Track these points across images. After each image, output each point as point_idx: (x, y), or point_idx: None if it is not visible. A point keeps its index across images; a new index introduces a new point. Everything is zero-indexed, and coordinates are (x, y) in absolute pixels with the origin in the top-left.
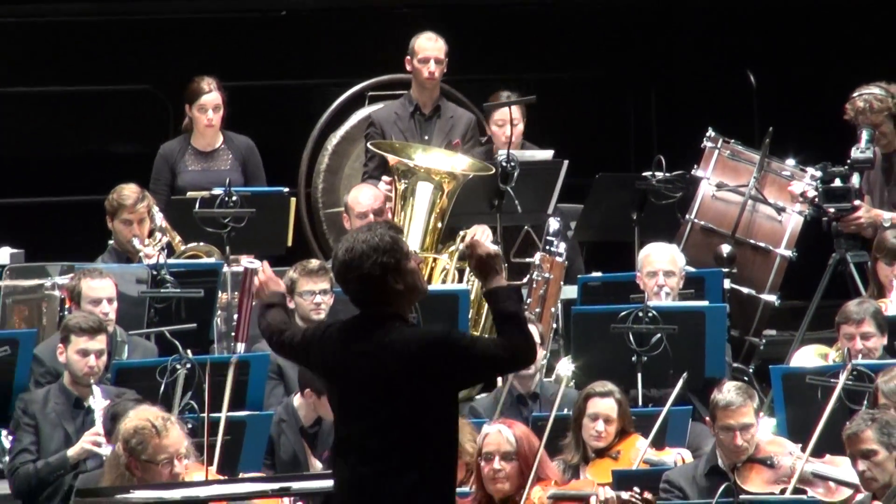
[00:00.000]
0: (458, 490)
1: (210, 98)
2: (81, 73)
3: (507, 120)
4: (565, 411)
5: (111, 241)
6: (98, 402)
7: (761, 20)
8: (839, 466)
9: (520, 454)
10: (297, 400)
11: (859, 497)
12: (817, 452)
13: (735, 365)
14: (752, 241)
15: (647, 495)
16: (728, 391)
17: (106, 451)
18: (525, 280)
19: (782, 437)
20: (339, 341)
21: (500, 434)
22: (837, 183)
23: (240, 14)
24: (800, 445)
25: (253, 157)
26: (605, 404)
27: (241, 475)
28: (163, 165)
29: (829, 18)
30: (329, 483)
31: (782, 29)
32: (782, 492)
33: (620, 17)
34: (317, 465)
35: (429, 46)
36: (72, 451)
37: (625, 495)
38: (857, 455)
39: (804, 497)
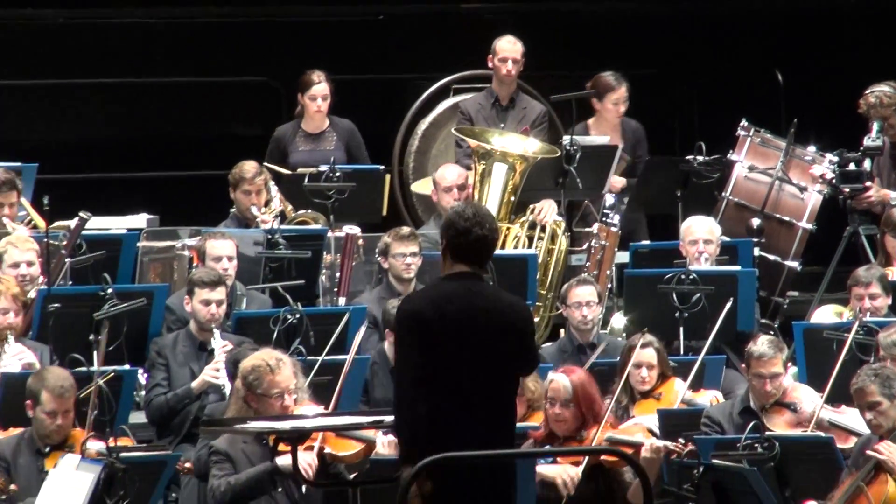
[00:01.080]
0: (523, 425)
1: (319, 88)
2: (210, 66)
3: (623, 100)
4: (617, 359)
5: (233, 209)
6: (218, 344)
7: (788, 27)
8: (850, 416)
9: (577, 400)
10: (387, 345)
11: (868, 433)
12: (832, 398)
13: (762, 321)
14: (778, 216)
15: (690, 447)
16: (762, 344)
17: (223, 382)
18: (584, 246)
19: (805, 385)
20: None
21: (560, 383)
22: (852, 167)
23: (343, 17)
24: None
25: (354, 138)
26: (646, 354)
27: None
28: (275, 145)
29: (845, 25)
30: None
31: (806, 35)
32: None
33: (668, 24)
34: None
35: (508, 48)
36: (195, 384)
37: (671, 445)
38: (864, 406)
39: (821, 434)
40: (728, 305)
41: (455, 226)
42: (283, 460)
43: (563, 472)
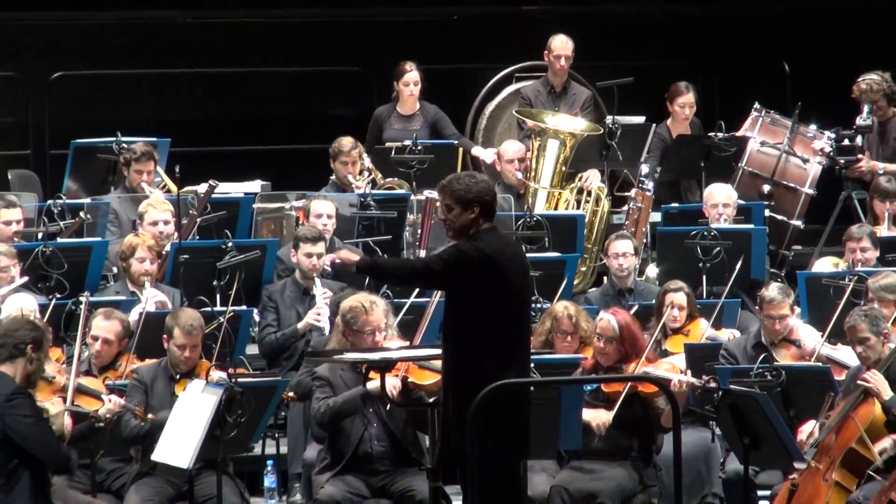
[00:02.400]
0: (575, 356)
1: (411, 76)
2: (314, 58)
3: (689, 104)
4: (652, 302)
5: (332, 177)
6: (319, 290)
7: (793, 26)
8: (844, 351)
9: (621, 338)
10: None
11: (857, 363)
12: (832, 336)
13: (772, 270)
14: (784, 182)
15: (713, 384)
16: (773, 290)
17: (324, 324)
18: (624, 208)
19: (807, 325)
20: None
21: (609, 323)
22: (846, 142)
23: (423, 17)
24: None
25: (441, 119)
26: (678, 297)
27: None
28: (373, 124)
29: (842, 23)
30: None
31: (808, 32)
32: None
33: (693, 24)
34: None
35: (560, 47)
36: (300, 325)
37: (697, 382)
38: (856, 342)
39: (820, 365)
40: (740, 262)
41: (491, 192)
42: (373, 385)
43: (597, 417)
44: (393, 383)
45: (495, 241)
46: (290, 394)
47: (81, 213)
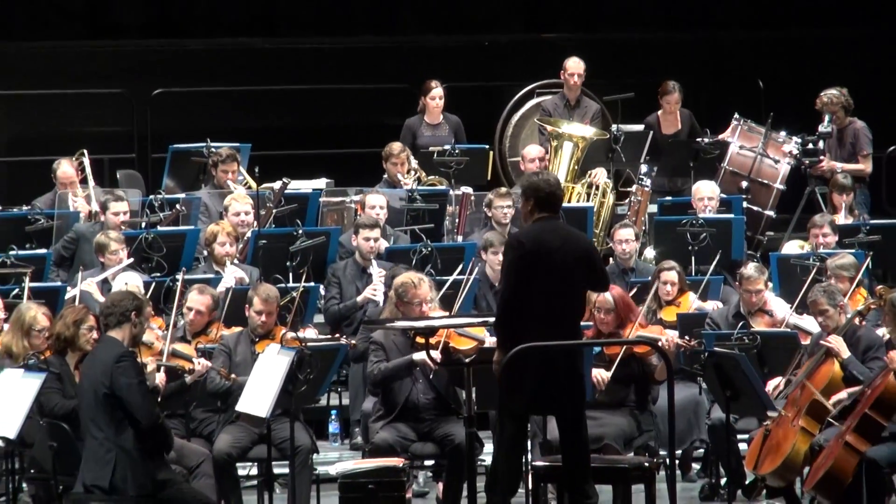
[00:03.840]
0: (585, 323)
1: (437, 92)
2: (369, 77)
3: (675, 100)
4: (649, 278)
5: (385, 175)
6: (375, 270)
7: (767, 50)
8: (808, 320)
9: (616, 309)
10: (487, 268)
11: (818, 330)
12: (799, 307)
13: (749, 252)
14: (759, 179)
15: (694, 343)
16: (750, 268)
17: (380, 298)
18: (626, 201)
19: (778, 298)
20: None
21: (605, 297)
22: (810, 146)
23: (459, 43)
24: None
25: (460, 128)
26: (670, 275)
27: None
28: (407, 131)
29: (807, 47)
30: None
31: (779, 55)
32: None
33: (685, 48)
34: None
35: (573, 66)
36: (359, 298)
37: (681, 341)
38: (817, 313)
39: (789, 331)
40: (722, 247)
41: (541, 187)
42: (419, 356)
43: (598, 374)
44: (434, 355)
45: (536, 229)
46: (353, 341)
47: (178, 206)
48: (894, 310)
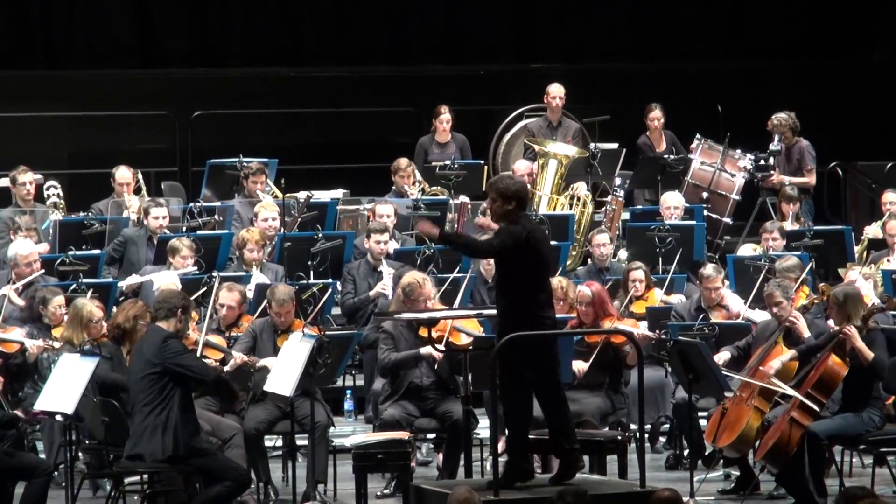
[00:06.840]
0: (565, 316)
1: (445, 116)
2: (380, 101)
3: (657, 118)
4: (621, 277)
5: (393, 187)
6: (385, 269)
7: (724, 78)
8: (759, 314)
9: (594, 303)
10: (481, 267)
11: (768, 319)
12: (752, 302)
13: (708, 254)
14: (718, 191)
15: (663, 336)
16: (709, 268)
17: (389, 293)
18: (603, 209)
19: (734, 294)
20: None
21: (584, 292)
22: (762, 162)
23: (458, 73)
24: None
25: (466, 145)
26: (638, 273)
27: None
28: (420, 149)
29: (758, 76)
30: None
31: (735, 83)
32: None
33: (655, 77)
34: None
35: (555, 91)
36: (371, 293)
37: (651, 334)
38: (772, 304)
39: (742, 322)
40: (679, 254)
41: (525, 191)
42: (425, 350)
43: (577, 365)
44: (439, 348)
45: (530, 224)
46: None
47: (216, 216)
48: (838, 302)
